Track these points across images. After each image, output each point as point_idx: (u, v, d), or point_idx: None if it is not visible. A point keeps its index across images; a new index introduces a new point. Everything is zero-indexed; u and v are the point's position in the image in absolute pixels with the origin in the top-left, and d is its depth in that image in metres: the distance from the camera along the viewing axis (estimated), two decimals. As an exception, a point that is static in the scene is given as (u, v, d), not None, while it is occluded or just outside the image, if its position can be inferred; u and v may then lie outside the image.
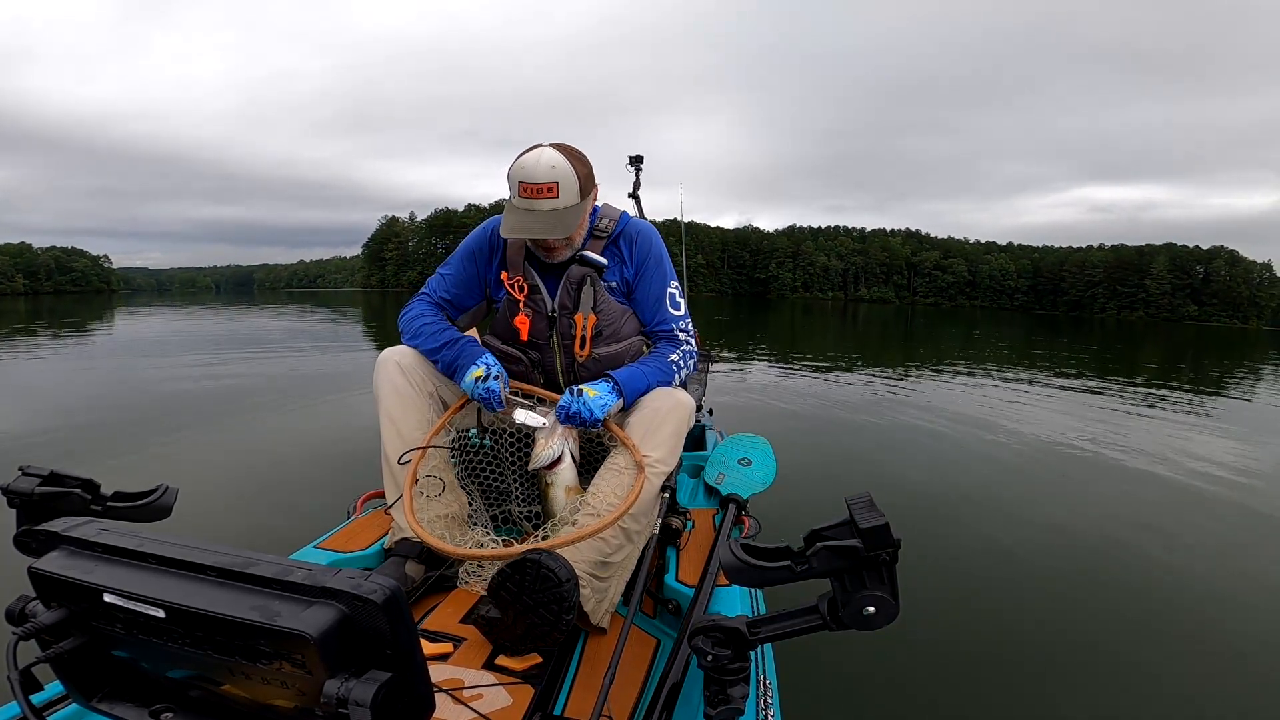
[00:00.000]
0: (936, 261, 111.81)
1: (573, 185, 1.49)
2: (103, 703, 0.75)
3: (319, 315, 23.84)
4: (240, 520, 3.27)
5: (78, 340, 13.18)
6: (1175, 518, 3.90)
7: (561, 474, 1.59)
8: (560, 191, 1.47)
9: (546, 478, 1.60)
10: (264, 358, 9.95)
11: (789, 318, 32.84)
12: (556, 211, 1.50)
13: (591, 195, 1.60)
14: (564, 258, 1.66)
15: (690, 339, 1.78)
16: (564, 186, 1.48)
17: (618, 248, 1.71)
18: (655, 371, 1.67)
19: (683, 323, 1.77)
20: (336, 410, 6.16)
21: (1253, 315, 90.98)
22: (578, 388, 1.54)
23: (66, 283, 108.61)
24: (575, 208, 1.52)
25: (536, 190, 1.47)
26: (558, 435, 1.57)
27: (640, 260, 1.71)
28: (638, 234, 1.72)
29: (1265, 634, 2.53)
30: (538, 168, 1.47)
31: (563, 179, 1.47)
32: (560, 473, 1.59)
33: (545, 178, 1.46)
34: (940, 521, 3.55)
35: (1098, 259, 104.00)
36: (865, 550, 0.75)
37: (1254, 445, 6.12)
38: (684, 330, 1.77)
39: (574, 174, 1.50)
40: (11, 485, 0.90)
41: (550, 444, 1.57)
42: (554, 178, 1.46)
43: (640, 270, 1.71)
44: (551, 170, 1.46)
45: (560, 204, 1.49)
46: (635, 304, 1.76)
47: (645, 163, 3.40)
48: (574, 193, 1.50)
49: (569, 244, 1.63)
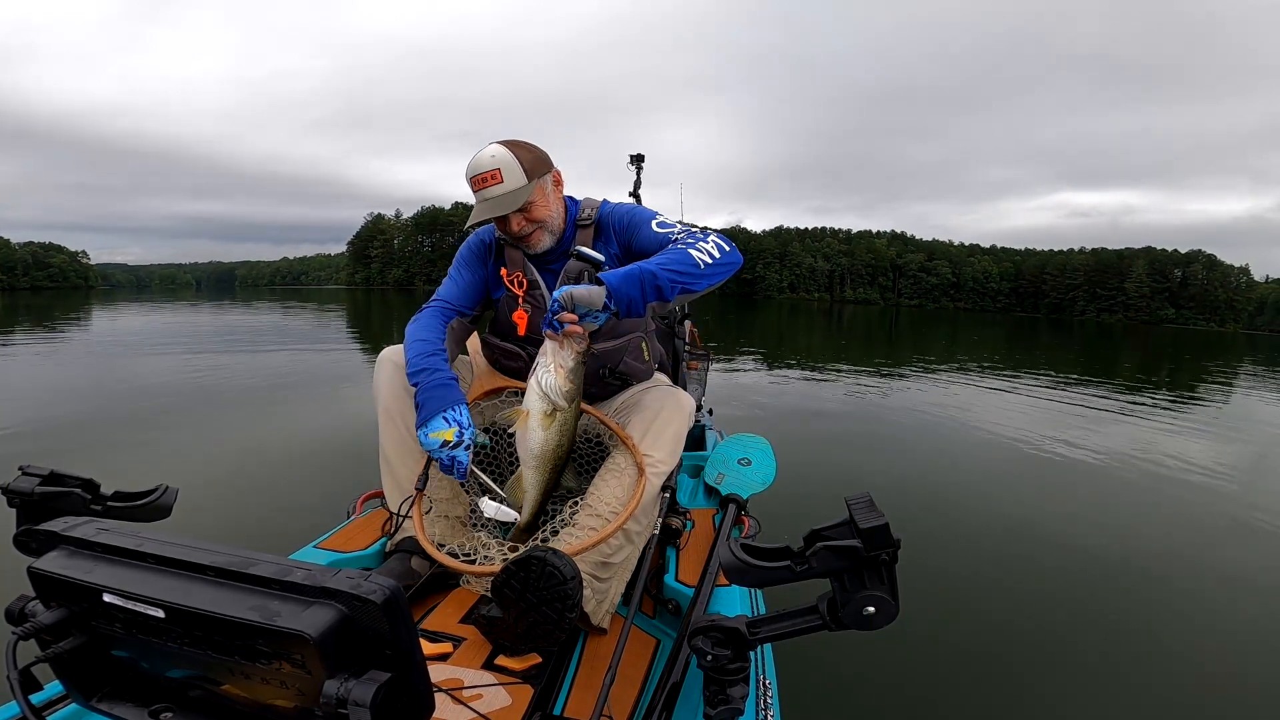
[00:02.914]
0: (921, 264, 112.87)
1: (515, 169, 1.58)
2: (102, 702, 0.75)
3: (306, 313, 23.63)
4: (240, 520, 3.25)
5: (59, 338, 12.98)
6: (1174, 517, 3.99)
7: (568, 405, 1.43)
8: (504, 176, 1.57)
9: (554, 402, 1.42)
10: (262, 357, 9.83)
11: (776, 318, 32.96)
12: (503, 195, 1.58)
13: (547, 177, 1.65)
14: (544, 245, 1.69)
15: (692, 232, 1.59)
16: (506, 171, 1.57)
17: (603, 232, 1.76)
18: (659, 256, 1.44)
19: (678, 231, 1.62)
20: (336, 410, 6.15)
21: (1229, 318, 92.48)
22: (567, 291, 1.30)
23: (44, 279, 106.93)
24: (521, 189, 1.58)
25: (482, 180, 1.57)
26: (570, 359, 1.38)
27: (622, 227, 1.73)
28: (614, 211, 1.76)
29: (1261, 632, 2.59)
30: (481, 160, 1.58)
31: (504, 164, 1.57)
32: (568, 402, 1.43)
33: (488, 166, 1.56)
34: (940, 521, 3.59)
35: (1078, 262, 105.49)
36: (865, 550, 0.75)
37: (1234, 445, 6.26)
38: (684, 231, 1.60)
39: (515, 159, 1.58)
40: (11, 485, 0.89)
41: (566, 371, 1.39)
42: (495, 165, 1.56)
43: (627, 232, 1.72)
44: (492, 159, 1.57)
45: (505, 188, 1.57)
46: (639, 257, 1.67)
47: (645, 162, 3.38)
48: (518, 175, 1.58)
49: (540, 226, 1.66)
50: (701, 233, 1.53)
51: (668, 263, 1.37)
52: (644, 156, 3.38)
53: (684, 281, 1.37)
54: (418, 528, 1.47)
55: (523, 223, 1.63)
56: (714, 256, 1.44)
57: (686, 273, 1.37)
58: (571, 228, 1.74)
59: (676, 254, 1.41)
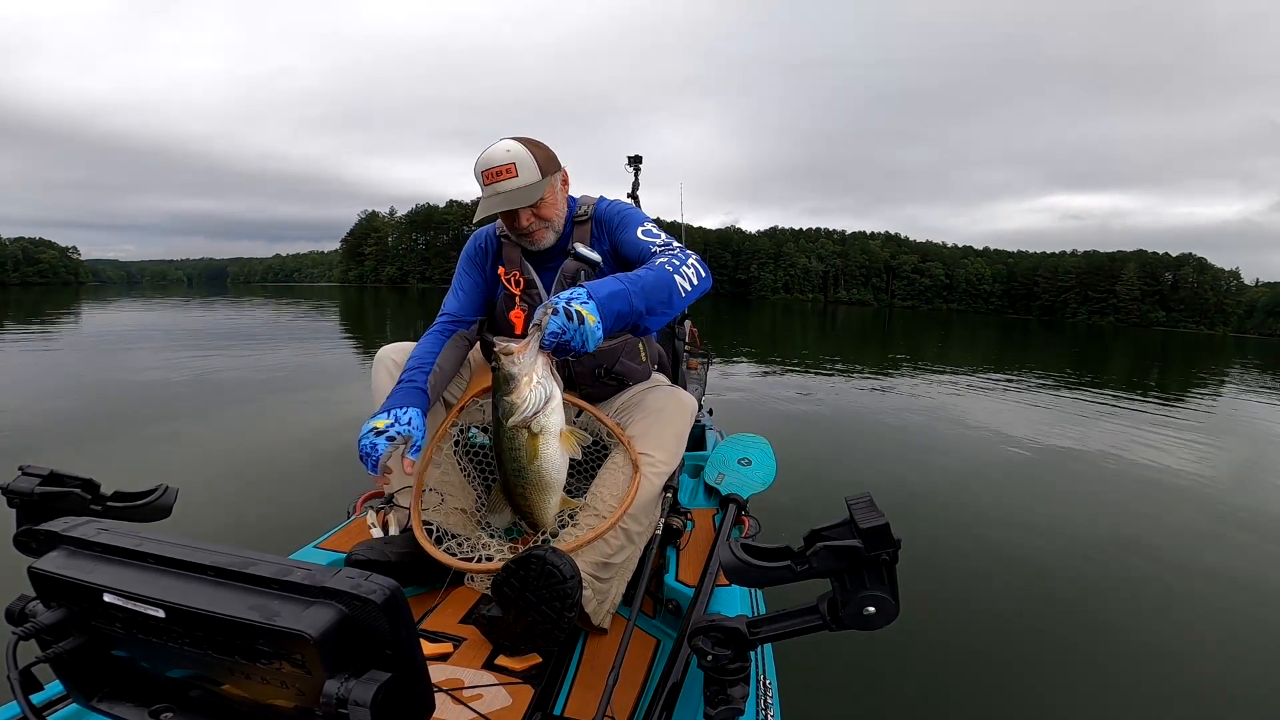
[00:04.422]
0: (915, 265, 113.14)
1: (530, 164, 1.58)
2: (103, 702, 0.74)
3: (299, 311, 23.54)
4: (240, 520, 3.25)
5: (50, 333, 12.89)
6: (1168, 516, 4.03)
7: (552, 417, 1.24)
8: (519, 170, 1.57)
9: (531, 426, 1.22)
10: (260, 357, 9.78)
11: (771, 319, 33.01)
12: (517, 190, 1.57)
13: (557, 176, 1.66)
14: (547, 242, 1.69)
15: (673, 247, 1.58)
16: (521, 165, 1.57)
17: (598, 228, 1.78)
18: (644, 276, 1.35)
19: (660, 243, 1.61)
20: (335, 409, 6.14)
21: (1219, 321, 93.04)
22: (566, 297, 1.19)
23: (34, 274, 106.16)
24: (536, 184, 1.59)
25: (496, 173, 1.56)
26: (540, 368, 1.20)
27: (613, 225, 1.74)
28: (609, 208, 1.78)
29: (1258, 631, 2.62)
30: (495, 153, 1.57)
31: (520, 159, 1.57)
32: (550, 415, 1.24)
33: (502, 160, 1.56)
34: (940, 521, 3.61)
35: (1070, 264, 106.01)
36: (865, 550, 0.75)
37: (1224, 446, 6.31)
38: (664, 246, 1.60)
39: (530, 155, 1.58)
40: (11, 485, 0.89)
41: (533, 382, 1.20)
42: (510, 159, 1.56)
43: (616, 231, 1.73)
44: (507, 153, 1.56)
45: (520, 182, 1.57)
46: (624, 262, 1.71)
47: (643, 164, 3.38)
48: (532, 170, 1.58)
49: (547, 225, 1.67)
50: (681, 252, 1.51)
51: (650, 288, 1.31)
52: (642, 158, 3.38)
53: (661, 310, 1.33)
54: (417, 528, 1.47)
55: (532, 219, 1.64)
56: (692, 284, 1.43)
57: (657, 306, 1.32)
58: (569, 225, 1.76)
59: (662, 277, 1.36)
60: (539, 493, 1.31)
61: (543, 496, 1.32)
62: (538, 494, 1.31)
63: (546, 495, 1.32)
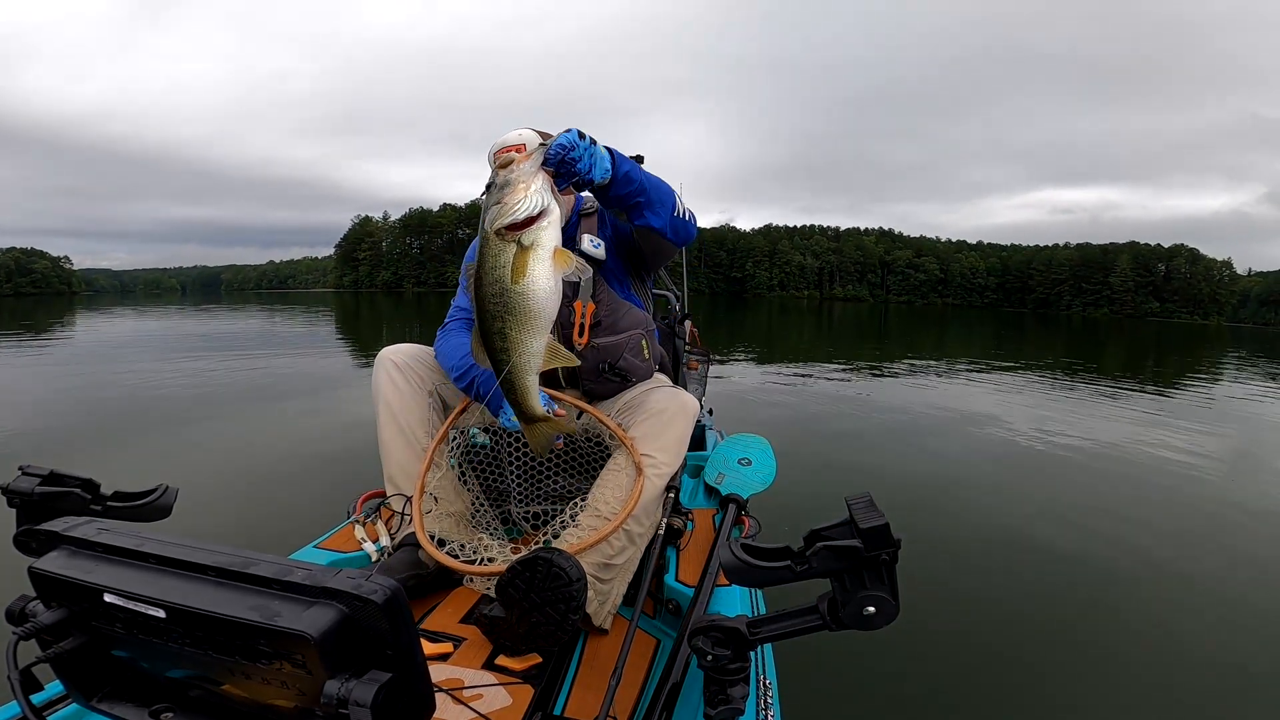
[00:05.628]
0: (909, 260, 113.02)
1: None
2: (103, 702, 0.75)
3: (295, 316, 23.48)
4: (240, 520, 3.26)
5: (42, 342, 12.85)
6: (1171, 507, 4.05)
7: (547, 231, 1.11)
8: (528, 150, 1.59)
9: (522, 238, 1.09)
10: (258, 362, 9.75)
11: (767, 317, 32.99)
12: None
13: None
14: None
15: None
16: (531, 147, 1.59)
17: (602, 219, 1.84)
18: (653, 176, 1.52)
19: None
20: (336, 410, 6.15)
21: (1213, 311, 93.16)
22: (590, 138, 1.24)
23: (26, 284, 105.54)
24: None
25: (507, 153, 1.57)
26: (540, 180, 1.12)
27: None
28: None
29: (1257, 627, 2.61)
30: (508, 136, 1.61)
31: (530, 141, 1.58)
32: (545, 229, 1.11)
33: (514, 141, 1.59)
34: (941, 521, 3.60)
35: (1063, 257, 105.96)
36: (865, 550, 0.75)
37: (1223, 435, 6.37)
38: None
39: (540, 139, 1.59)
40: (11, 485, 0.89)
41: (530, 190, 1.09)
42: (522, 140, 1.59)
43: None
44: (519, 136, 1.60)
45: None
46: (627, 244, 1.84)
47: (643, 164, 3.37)
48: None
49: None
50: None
51: (657, 184, 1.51)
52: (643, 158, 3.37)
53: (655, 199, 1.49)
54: (418, 527, 1.46)
55: None
56: (688, 214, 1.66)
57: (660, 199, 1.51)
58: (576, 216, 1.80)
59: (668, 187, 1.57)
60: (520, 327, 1.12)
61: (524, 334, 1.13)
62: (518, 328, 1.12)
63: (529, 334, 1.13)
